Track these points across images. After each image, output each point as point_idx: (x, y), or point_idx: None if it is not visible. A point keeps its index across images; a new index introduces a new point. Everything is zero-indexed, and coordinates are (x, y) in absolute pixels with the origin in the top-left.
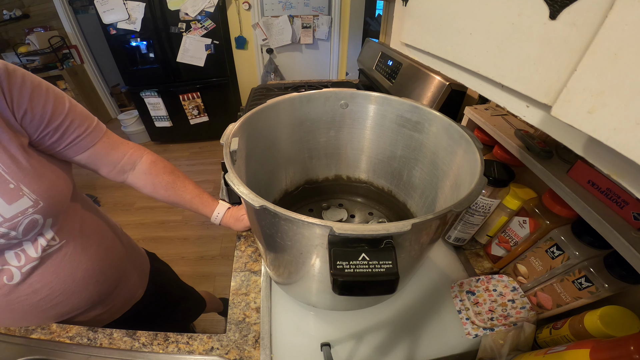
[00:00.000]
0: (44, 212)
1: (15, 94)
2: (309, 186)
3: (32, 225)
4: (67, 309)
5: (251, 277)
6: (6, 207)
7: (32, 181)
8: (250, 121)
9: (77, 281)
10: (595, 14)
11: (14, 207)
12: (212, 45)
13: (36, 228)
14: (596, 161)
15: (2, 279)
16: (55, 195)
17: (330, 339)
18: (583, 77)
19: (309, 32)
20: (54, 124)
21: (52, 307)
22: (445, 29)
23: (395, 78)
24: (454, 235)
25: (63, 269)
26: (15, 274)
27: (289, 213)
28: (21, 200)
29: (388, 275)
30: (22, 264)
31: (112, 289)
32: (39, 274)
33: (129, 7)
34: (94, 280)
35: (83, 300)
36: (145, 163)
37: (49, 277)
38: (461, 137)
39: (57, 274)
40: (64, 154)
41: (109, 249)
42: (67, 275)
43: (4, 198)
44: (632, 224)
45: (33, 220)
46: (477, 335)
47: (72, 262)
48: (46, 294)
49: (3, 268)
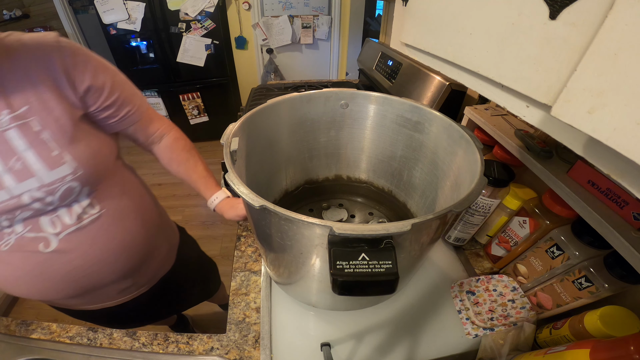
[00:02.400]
0: (82, 180)
1: (78, 71)
2: (309, 186)
3: (68, 193)
4: (98, 279)
5: (251, 277)
6: (47, 173)
7: (75, 150)
8: (250, 121)
9: (111, 251)
10: (595, 14)
11: (54, 173)
12: (212, 45)
13: (72, 195)
14: (596, 161)
15: (38, 246)
16: (96, 164)
17: (330, 339)
18: (583, 77)
19: (309, 32)
20: (110, 99)
21: (84, 276)
22: (445, 29)
23: (395, 78)
24: (454, 235)
25: (99, 238)
26: (52, 241)
27: (289, 213)
28: (62, 167)
29: (388, 275)
30: (58, 231)
31: (143, 261)
32: (75, 242)
33: (129, 7)
34: (127, 252)
35: (114, 272)
36: (170, 138)
37: (84, 246)
38: (461, 137)
39: (93, 243)
40: (112, 126)
41: (145, 218)
42: (102, 245)
43: (46, 163)
44: (632, 224)
45: (70, 187)
46: (477, 335)
47: (108, 232)
48: (80, 263)
49: (38, 235)
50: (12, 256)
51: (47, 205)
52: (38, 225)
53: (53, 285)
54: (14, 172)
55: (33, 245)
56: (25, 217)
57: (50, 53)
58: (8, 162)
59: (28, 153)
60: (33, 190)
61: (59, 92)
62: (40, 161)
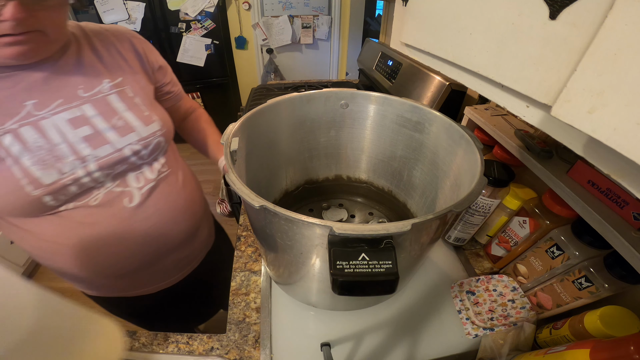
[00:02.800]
0: (165, 137)
1: (152, 54)
2: (309, 186)
3: (157, 146)
4: (167, 242)
5: (251, 277)
6: (143, 128)
7: (158, 112)
8: (250, 121)
9: (178, 210)
10: (595, 14)
11: (149, 128)
12: (212, 45)
13: (158, 150)
14: (596, 161)
15: (124, 202)
16: (170, 126)
17: (330, 339)
18: (583, 77)
19: (309, 32)
20: (169, 78)
21: (158, 237)
22: (445, 29)
23: (395, 78)
24: (454, 235)
25: (170, 194)
26: (135, 196)
27: (289, 213)
28: (153, 124)
29: (388, 275)
30: (141, 185)
31: (197, 228)
32: (153, 197)
33: (129, 7)
34: (188, 212)
35: (179, 234)
36: (197, 113)
37: (160, 202)
38: (461, 137)
39: (166, 199)
40: (165, 101)
41: (195, 189)
42: (172, 202)
43: (142, 121)
44: (632, 224)
45: (158, 142)
46: (477, 335)
47: (175, 190)
48: (155, 220)
49: (124, 190)
50: (100, 212)
51: (139, 159)
52: (125, 181)
53: (131, 248)
54: (117, 128)
55: (119, 200)
56: (118, 172)
57: (131, 38)
58: (111, 121)
59: (127, 113)
60: (133, 143)
61: (142, 67)
62: (138, 119)
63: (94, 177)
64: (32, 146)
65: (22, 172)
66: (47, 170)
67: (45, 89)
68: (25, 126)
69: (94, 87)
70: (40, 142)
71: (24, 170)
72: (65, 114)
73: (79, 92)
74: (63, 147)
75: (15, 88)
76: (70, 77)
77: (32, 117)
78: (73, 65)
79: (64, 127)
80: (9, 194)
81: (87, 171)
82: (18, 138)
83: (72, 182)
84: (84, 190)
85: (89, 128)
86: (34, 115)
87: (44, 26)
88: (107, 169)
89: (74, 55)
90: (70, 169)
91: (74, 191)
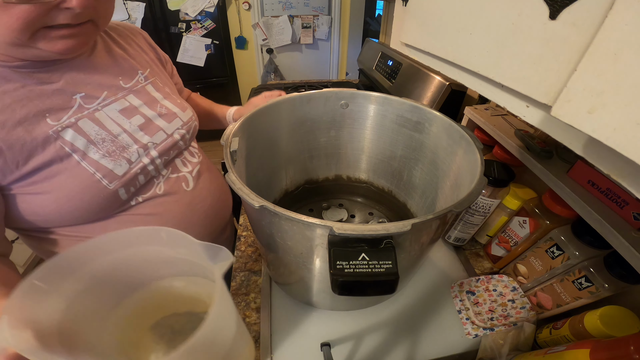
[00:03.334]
0: (197, 121)
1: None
2: (309, 186)
3: (194, 130)
4: (221, 221)
5: (251, 277)
6: (183, 114)
7: (183, 100)
8: (250, 121)
9: (222, 190)
10: (595, 14)
11: (186, 114)
12: (212, 45)
13: (195, 133)
14: (596, 161)
15: (182, 186)
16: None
17: (330, 339)
18: (583, 77)
19: (309, 32)
20: (174, 69)
21: (214, 215)
22: (445, 29)
23: (395, 78)
24: (454, 235)
25: (212, 175)
26: (189, 179)
27: (289, 213)
28: (188, 110)
29: (388, 275)
30: (190, 169)
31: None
32: (202, 179)
33: (129, 7)
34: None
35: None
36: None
37: (208, 183)
38: (461, 137)
39: (211, 179)
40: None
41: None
42: (217, 182)
43: (179, 107)
44: (632, 224)
45: (195, 125)
46: (477, 335)
47: (214, 171)
48: (211, 202)
49: (179, 175)
50: (167, 200)
51: (184, 143)
52: (176, 167)
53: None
54: (162, 116)
55: (178, 185)
56: (170, 158)
57: (141, 32)
58: (156, 109)
59: (165, 101)
60: (179, 128)
61: (158, 59)
62: (175, 106)
63: (156, 165)
64: (95, 138)
65: (94, 166)
66: (117, 161)
67: (88, 82)
68: (82, 119)
69: (132, 79)
70: (102, 133)
71: (95, 163)
72: (116, 105)
73: (120, 82)
74: (125, 137)
75: (60, 82)
76: (107, 69)
77: (86, 110)
78: (106, 58)
79: (118, 117)
80: (85, 191)
81: (150, 158)
82: (79, 131)
83: (141, 170)
84: (147, 181)
85: (141, 117)
86: (87, 109)
87: (97, 16)
88: (164, 154)
89: (104, 48)
90: (137, 157)
91: (142, 181)
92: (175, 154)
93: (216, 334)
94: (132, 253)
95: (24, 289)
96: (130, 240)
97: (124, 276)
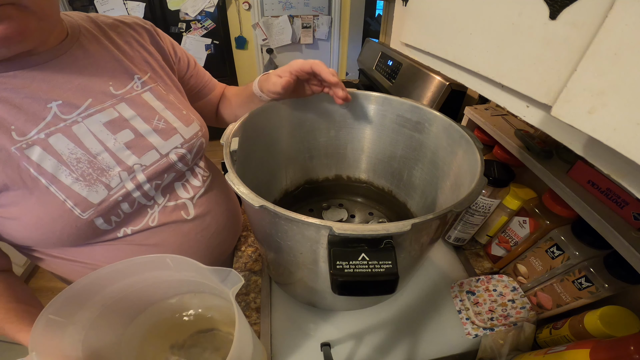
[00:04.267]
0: (205, 137)
1: (171, 48)
2: (309, 186)
3: (199, 149)
4: (227, 247)
5: (251, 277)
6: (185, 129)
7: (192, 110)
8: (250, 121)
9: (230, 213)
10: (595, 14)
11: (190, 129)
12: (212, 45)
13: (200, 153)
14: (596, 161)
15: (181, 214)
16: (206, 126)
17: (330, 339)
18: (583, 77)
19: (309, 32)
20: (193, 69)
21: (219, 244)
22: (445, 29)
23: (395, 78)
24: (454, 235)
25: (220, 200)
26: (189, 208)
27: (289, 213)
28: (193, 124)
29: (388, 276)
30: (192, 195)
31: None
32: (205, 205)
33: (129, 7)
34: (237, 217)
35: (234, 238)
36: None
37: (213, 208)
38: (461, 137)
39: (217, 204)
40: (197, 95)
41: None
42: (225, 206)
43: (182, 121)
44: (632, 224)
45: (201, 143)
46: (477, 335)
47: (223, 194)
48: (215, 229)
49: (177, 203)
50: (161, 232)
51: (184, 165)
52: (175, 193)
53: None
54: (159, 131)
55: (176, 214)
56: (166, 183)
57: (147, 28)
58: (152, 122)
59: (166, 112)
60: (178, 147)
61: (165, 60)
62: (177, 119)
63: (144, 190)
64: (69, 158)
65: (64, 193)
66: (93, 187)
67: (68, 86)
68: (55, 134)
69: (125, 84)
70: (77, 152)
71: (65, 189)
72: (100, 116)
73: (109, 89)
74: (105, 157)
75: (31, 87)
76: (95, 72)
77: (61, 122)
78: (94, 58)
79: (101, 132)
80: (55, 221)
81: (136, 183)
82: (48, 150)
83: (123, 198)
84: (137, 210)
85: (130, 132)
86: (63, 120)
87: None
88: (155, 178)
89: (92, 45)
90: (118, 182)
91: (126, 210)
92: (173, 178)
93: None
94: (141, 279)
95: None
96: (135, 269)
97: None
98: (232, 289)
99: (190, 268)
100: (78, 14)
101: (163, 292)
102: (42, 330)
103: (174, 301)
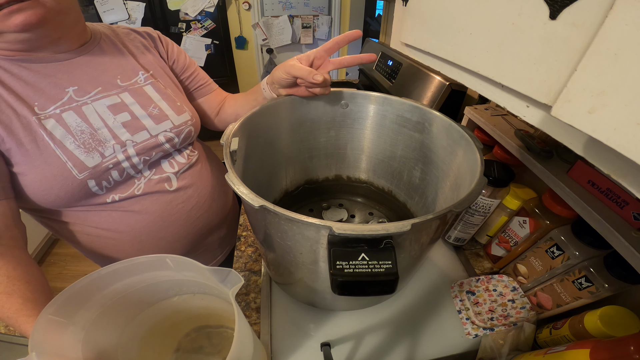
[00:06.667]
0: (194, 127)
1: (169, 49)
2: (309, 186)
3: (187, 135)
4: (209, 221)
5: (251, 277)
6: (176, 117)
7: (186, 103)
8: (250, 121)
9: (214, 187)
10: (595, 14)
11: (181, 117)
12: (212, 45)
13: (188, 139)
14: (596, 161)
15: (164, 186)
16: (198, 118)
17: (330, 339)
18: (583, 77)
19: (309, 32)
20: (189, 71)
21: (200, 216)
22: (445, 29)
23: (395, 78)
24: (454, 235)
25: (204, 174)
26: (172, 180)
27: (289, 213)
28: (184, 114)
29: (388, 276)
30: (176, 170)
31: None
32: (189, 178)
33: (129, 7)
34: (222, 190)
35: (219, 211)
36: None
37: (197, 181)
38: (461, 137)
39: (201, 178)
40: (193, 95)
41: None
42: (208, 180)
43: (174, 110)
44: (632, 224)
45: (189, 130)
46: (477, 335)
47: (208, 170)
48: (196, 201)
49: (162, 176)
50: (145, 200)
51: (172, 147)
52: (161, 168)
53: (178, 231)
54: (152, 116)
55: (160, 185)
56: (153, 159)
57: (157, 36)
58: (147, 109)
59: (162, 103)
60: (167, 130)
61: (167, 62)
62: (170, 108)
63: (133, 162)
64: (75, 130)
65: (67, 155)
66: (90, 154)
67: (84, 77)
68: (67, 111)
69: (130, 78)
70: (82, 126)
71: (68, 153)
72: (106, 101)
73: (117, 81)
74: (104, 132)
75: (56, 76)
76: (107, 67)
77: (74, 103)
78: (109, 57)
79: (104, 112)
80: (56, 177)
81: (126, 155)
82: (61, 122)
83: (114, 165)
84: (125, 179)
85: (128, 114)
86: (76, 101)
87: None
88: (144, 154)
89: (109, 48)
90: (111, 152)
91: (115, 177)
92: (160, 156)
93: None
94: (141, 279)
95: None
96: (135, 269)
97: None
98: (232, 289)
99: (190, 268)
100: (101, 24)
101: (163, 293)
102: (42, 330)
103: (173, 301)
